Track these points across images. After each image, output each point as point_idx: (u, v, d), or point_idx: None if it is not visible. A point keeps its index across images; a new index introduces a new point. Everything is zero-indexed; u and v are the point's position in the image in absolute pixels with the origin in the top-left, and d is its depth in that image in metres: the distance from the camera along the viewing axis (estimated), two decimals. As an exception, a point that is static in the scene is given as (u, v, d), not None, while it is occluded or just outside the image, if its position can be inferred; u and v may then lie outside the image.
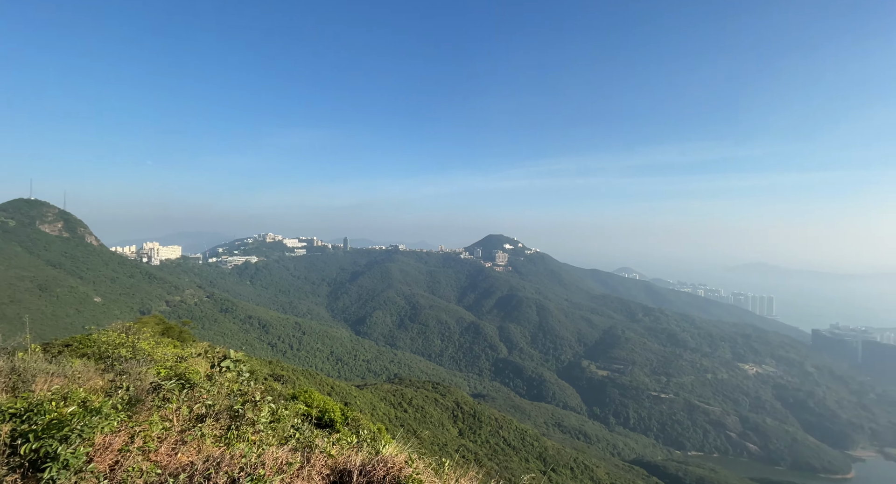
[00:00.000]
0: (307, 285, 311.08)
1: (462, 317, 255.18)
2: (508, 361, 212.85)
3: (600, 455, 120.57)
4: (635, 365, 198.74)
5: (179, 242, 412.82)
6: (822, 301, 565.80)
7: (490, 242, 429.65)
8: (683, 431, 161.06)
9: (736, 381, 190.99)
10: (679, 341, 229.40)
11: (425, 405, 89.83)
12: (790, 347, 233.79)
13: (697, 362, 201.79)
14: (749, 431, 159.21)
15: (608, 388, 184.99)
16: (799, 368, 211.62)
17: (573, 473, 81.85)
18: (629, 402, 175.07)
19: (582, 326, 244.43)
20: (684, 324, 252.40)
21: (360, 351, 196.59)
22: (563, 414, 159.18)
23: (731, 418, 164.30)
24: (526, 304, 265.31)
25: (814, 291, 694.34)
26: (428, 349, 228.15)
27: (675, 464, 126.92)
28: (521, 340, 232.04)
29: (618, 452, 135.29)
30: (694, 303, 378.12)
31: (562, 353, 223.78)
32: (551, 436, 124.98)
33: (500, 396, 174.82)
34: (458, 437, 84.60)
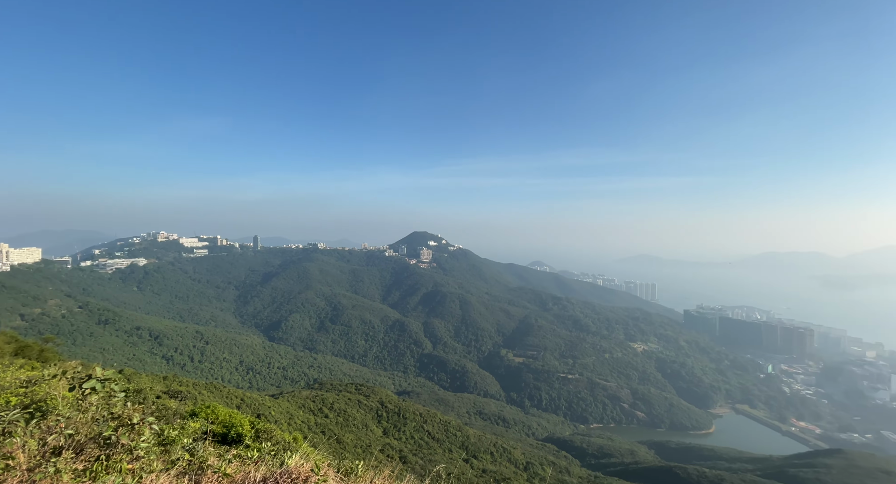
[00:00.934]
0: (210, 289, 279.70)
1: (387, 315, 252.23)
2: (433, 355, 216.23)
3: (517, 437, 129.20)
4: (547, 350, 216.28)
5: (40, 243, 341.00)
6: (692, 286, 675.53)
7: (415, 239, 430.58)
8: (587, 406, 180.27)
9: (627, 358, 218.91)
10: (583, 326, 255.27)
11: (348, 408, 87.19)
12: (668, 326, 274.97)
13: (598, 344, 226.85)
14: (638, 400, 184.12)
15: (524, 373, 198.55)
16: (674, 343, 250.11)
17: (493, 457, 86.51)
18: (542, 384, 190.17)
19: (501, 317, 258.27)
20: (587, 310, 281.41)
21: (275, 358, 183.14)
22: (484, 402, 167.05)
23: (624, 391, 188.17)
24: (450, 299, 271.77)
25: (685, 278, 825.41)
26: (351, 351, 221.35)
27: (580, 437, 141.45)
28: (446, 335, 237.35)
29: (532, 432, 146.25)
30: (594, 291, 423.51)
31: (483, 344, 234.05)
32: (473, 424, 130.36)
33: (425, 390, 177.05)
34: (382, 436, 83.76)
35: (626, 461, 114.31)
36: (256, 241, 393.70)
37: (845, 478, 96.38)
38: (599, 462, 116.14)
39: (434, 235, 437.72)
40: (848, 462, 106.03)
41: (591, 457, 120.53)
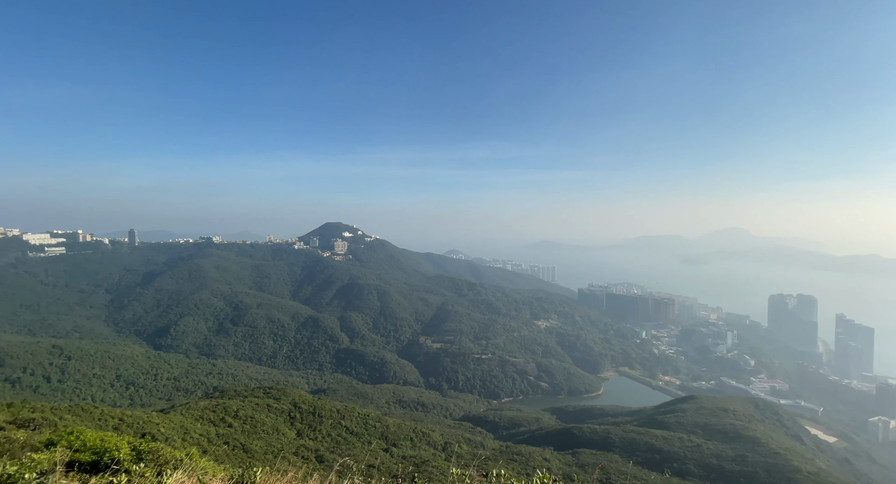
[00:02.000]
0: (71, 295, 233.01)
1: (298, 312, 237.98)
2: (350, 350, 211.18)
3: (436, 420, 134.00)
4: (462, 334, 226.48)
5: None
6: (585, 267, 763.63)
7: (328, 230, 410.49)
8: (499, 383, 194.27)
9: (533, 335, 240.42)
10: (494, 309, 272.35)
11: (256, 414, 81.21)
12: (566, 304, 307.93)
13: (507, 324, 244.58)
14: (542, 372, 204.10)
15: (441, 358, 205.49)
16: (571, 318, 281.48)
17: (412, 443, 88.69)
18: (458, 367, 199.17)
19: (419, 306, 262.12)
20: (498, 294, 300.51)
21: (164, 368, 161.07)
22: (403, 390, 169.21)
23: (530, 365, 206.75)
24: (367, 291, 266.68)
25: (580, 260, 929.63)
26: (258, 352, 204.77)
27: (493, 412, 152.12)
28: (363, 328, 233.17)
29: (450, 413, 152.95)
30: (505, 276, 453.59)
31: (402, 333, 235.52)
32: (393, 413, 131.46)
33: (342, 386, 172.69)
34: (296, 438, 79.98)
35: (532, 429, 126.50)
36: (133, 235, 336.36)
37: (696, 417, 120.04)
38: (510, 432, 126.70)
39: (349, 226, 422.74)
40: (698, 405, 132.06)
41: (503, 429, 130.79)
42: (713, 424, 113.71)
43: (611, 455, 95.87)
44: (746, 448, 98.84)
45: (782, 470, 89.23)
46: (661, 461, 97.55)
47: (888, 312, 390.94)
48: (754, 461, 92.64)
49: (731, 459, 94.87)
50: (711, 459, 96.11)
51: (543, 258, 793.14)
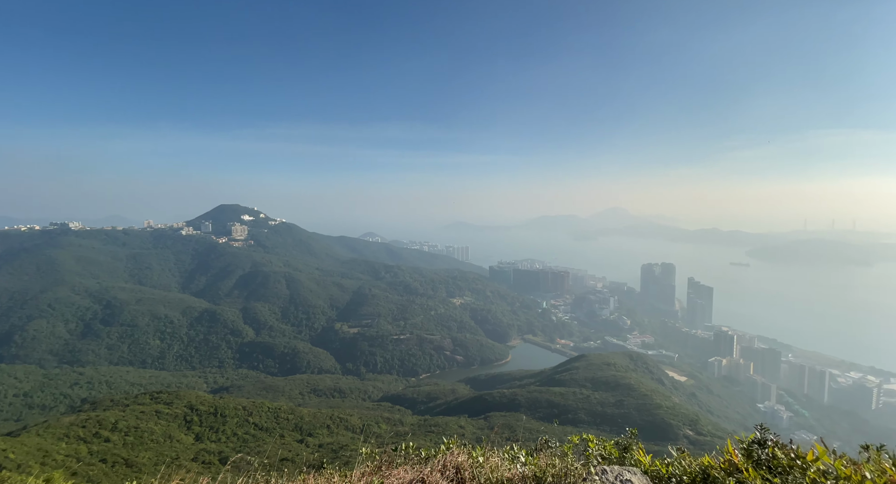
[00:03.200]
0: None
1: (191, 306, 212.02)
2: (257, 343, 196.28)
3: (354, 404, 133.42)
4: (380, 317, 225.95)
5: None
6: (494, 246, 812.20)
7: (223, 213, 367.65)
8: (417, 361, 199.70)
9: (449, 312, 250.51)
10: (412, 290, 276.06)
11: (141, 423, 71.74)
12: (479, 281, 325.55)
13: (425, 304, 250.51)
14: (457, 347, 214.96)
15: (359, 342, 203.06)
16: (483, 294, 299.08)
17: (330, 430, 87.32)
18: (376, 349, 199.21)
19: (334, 292, 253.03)
20: (416, 275, 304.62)
21: (8, 383, 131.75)
22: (319, 379, 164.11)
23: (446, 341, 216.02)
24: (274, 279, 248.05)
25: (490, 240, 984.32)
26: (141, 355, 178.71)
27: (411, 389, 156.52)
28: (271, 318, 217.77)
29: (369, 396, 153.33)
30: (422, 257, 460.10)
31: (315, 321, 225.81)
32: (308, 403, 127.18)
33: (249, 382, 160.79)
34: (195, 443, 72.94)
35: (448, 400, 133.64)
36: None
37: (585, 373, 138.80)
38: (428, 406, 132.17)
39: (249, 209, 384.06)
40: (587, 362, 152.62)
41: (422, 403, 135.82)
42: (599, 377, 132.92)
43: (518, 414, 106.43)
44: (624, 394, 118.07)
45: (649, 407, 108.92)
46: (559, 414, 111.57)
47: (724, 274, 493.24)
48: (629, 403, 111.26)
49: (612, 405, 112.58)
50: (598, 407, 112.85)
51: (458, 239, 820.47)
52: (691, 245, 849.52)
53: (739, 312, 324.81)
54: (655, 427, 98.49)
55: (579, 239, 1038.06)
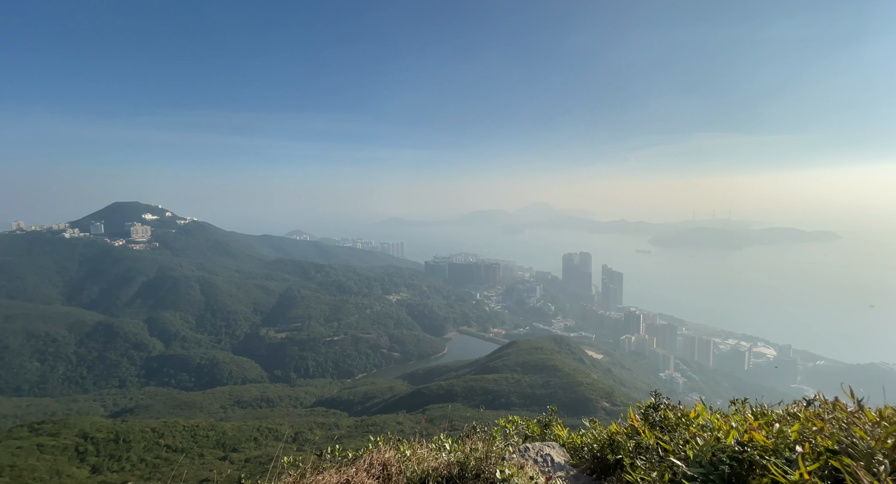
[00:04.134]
0: None
1: (80, 320, 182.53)
2: (167, 356, 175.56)
3: (285, 412, 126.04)
4: (312, 319, 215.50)
5: None
6: (430, 241, 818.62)
7: (119, 212, 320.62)
8: (352, 361, 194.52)
9: (385, 309, 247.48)
10: (346, 289, 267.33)
11: (18, 460, 60.37)
12: (415, 277, 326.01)
13: (360, 302, 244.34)
14: (394, 343, 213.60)
15: (288, 347, 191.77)
16: (419, 289, 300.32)
17: (257, 443, 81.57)
18: (308, 353, 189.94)
19: (257, 295, 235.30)
20: (349, 274, 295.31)
21: None
22: (243, 389, 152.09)
23: (383, 339, 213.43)
24: (185, 284, 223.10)
25: (426, 235, 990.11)
26: (14, 380, 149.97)
27: (347, 391, 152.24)
28: (184, 328, 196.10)
29: (300, 402, 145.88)
30: (355, 255, 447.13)
31: (237, 328, 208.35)
32: (231, 417, 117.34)
33: (159, 400, 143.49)
34: (91, 476, 63.36)
35: (386, 397, 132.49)
36: None
37: (516, 358, 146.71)
38: (365, 406, 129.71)
39: (152, 207, 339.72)
40: (518, 348, 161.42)
41: (358, 404, 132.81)
42: (528, 361, 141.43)
43: (455, 404, 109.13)
44: (550, 375, 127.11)
45: (572, 386, 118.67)
46: (493, 399, 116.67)
47: (631, 261, 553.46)
48: (555, 383, 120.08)
49: (541, 386, 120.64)
50: (528, 389, 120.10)
51: (393, 235, 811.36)
52: (605, 236, 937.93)
53: (645, 293, 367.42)
54: (578, 403, 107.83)
55: (508, 232, 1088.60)
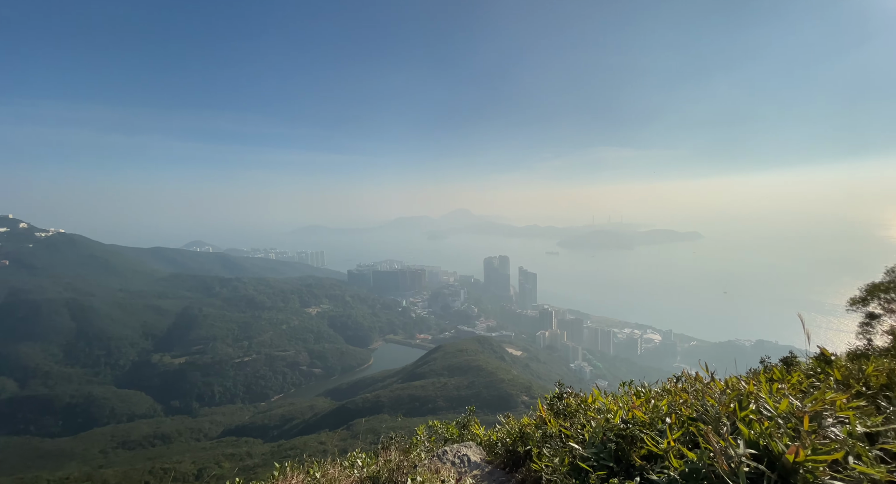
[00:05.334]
0: None
1: None
2: (23, 398, 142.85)
3: (185, 448, 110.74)
4: (217, 340, 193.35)
5: None
6: (353, 248, 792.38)
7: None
8: (267, 382, 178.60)
9: (304, 323, 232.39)
10: (258, 304, 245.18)
11: None
12: (336, 287, 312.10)
13: (274, 318, 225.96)
14: (315, 359, 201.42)
15: (188, 374, 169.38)
16: (342, 300, 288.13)
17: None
18: (213, 379, 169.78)
19: (148, 317, 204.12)
20: (261, 287, 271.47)
21: None
22: (130, 428, 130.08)
23: (302, 355, 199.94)
24: (48, 309, 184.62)
25: (348, 243, 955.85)
26: None
27: (261, 415, 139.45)
28: (47, 362, 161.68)
29: (205, 434, 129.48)
30: (268, 266, 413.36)
31: (121, 356, 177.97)
32: (114, 462, 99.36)
33: (13, 453, 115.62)
34: None
35: (307, 418, 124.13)
36: None
37: (442, 362, 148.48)
38: (283, 430, 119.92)
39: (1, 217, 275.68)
40: (444, 352, 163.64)
41: (275, 429, 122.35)
42: (454, 364, 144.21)
43: (382, 416, 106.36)
44: (474, 375, 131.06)
45: (495, 383, 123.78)
46: (420, 406, 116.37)
47: (543, 262, 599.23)
48: (479, 383, 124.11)
49: (466, 387, 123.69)
50: (454, 392, 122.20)
51: (312, 243, 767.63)
52: (521, 239, 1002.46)
53: (556, 291, 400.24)
54: (500, 399, 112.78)
55: (433, 238, 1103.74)
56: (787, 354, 9.81)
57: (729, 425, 3.53)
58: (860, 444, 3.30)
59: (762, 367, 7.61)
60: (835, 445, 3.19)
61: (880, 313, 14.75)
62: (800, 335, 6.51)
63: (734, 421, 3.55)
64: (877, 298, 14.59)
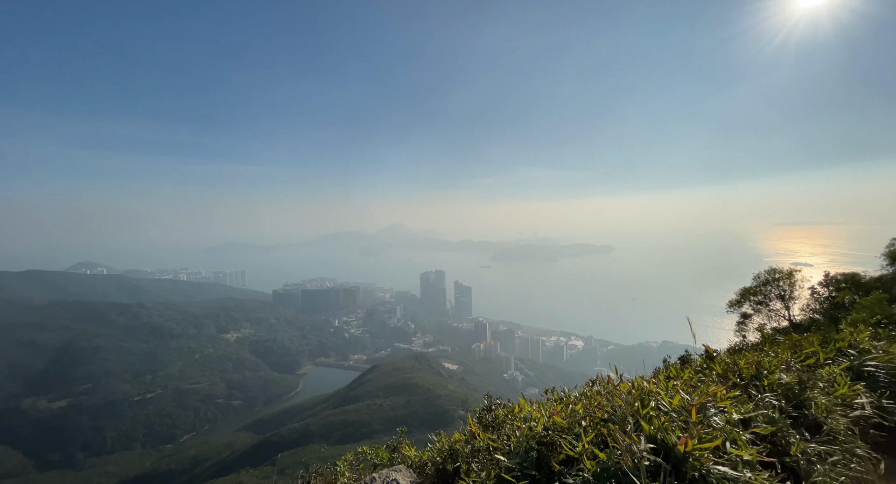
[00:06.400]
0: None
1: None
2: None
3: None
4: (111, 376, 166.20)
5: None
6: (280, 267, 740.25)
7: None
8: (175, 421, 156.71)
9: (221, 351, 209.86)
10: (165, 332, 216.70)
11: None
12: (260, 309, 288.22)
13: (185, 347, 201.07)
14: (234, 390, 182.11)
15: (71, 419, 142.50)
16: (266, 323, 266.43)
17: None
18: (105, 422, 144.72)
19: (17, 354, 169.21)
20: (169, 312, 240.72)
21: None
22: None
23: (218, 387, 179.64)
24: None
25: (274, 260, 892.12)
26: None
27: (166, 460, 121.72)
28: None
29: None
30: (178, 289, 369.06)
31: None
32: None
33: None
34: None
35: (223, 456, 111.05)
36: None
37: (378, 383, 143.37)
38: (194, 474, 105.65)
39: None
40: (379, 372, 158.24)
41: (183, 474, 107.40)
42: (390, 383, 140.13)
43: (311, 446, 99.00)
44: (411, 393, 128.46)
45: (432, 400, 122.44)
46: (354, 431, 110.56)
47: (477, 275, 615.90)
48: (416, 401, 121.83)
49: (402, 407, 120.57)
50: (390, 413, 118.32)
51: (232, 262, 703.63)
52: (456, 254, 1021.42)
53: (490, 303, 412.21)
54: (437, 416, 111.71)
55: (368, 254, 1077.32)
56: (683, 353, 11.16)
57: (632, 423, 3.81)
58: (736, 430, 3.87)
59: (663, 366, 8.56)
60: (716, 432, 3.66)
61: (751, 313, 17.52)
62: (698, 336, 7.42)
63: (638, 419, 3.83)
64: (748, 300, 17.34)
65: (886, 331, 10.08)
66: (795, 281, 17.09)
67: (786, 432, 5.09)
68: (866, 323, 11.10)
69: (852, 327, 10.43)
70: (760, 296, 17.24)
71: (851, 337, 9.47)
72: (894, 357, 8.52)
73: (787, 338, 12.04)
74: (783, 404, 5.69)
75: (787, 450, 4.72)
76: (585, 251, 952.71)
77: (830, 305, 15.63)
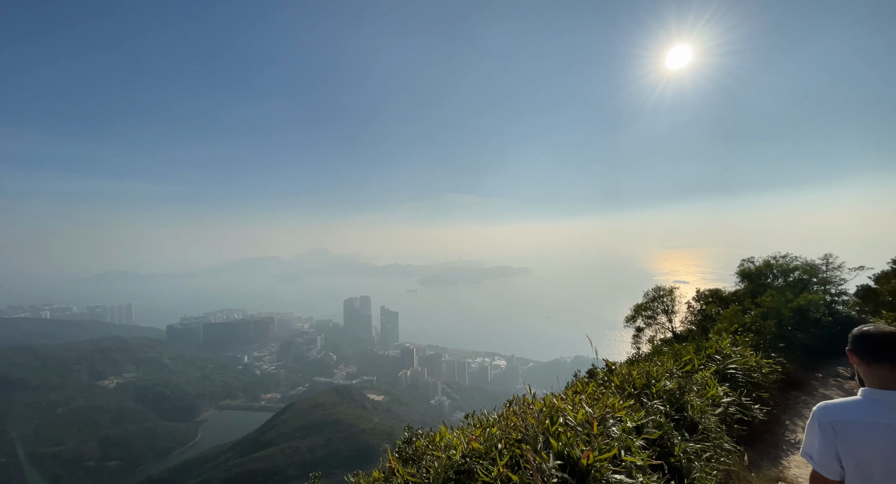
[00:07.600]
0: None
1: None
2: None
3: None
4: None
5: None
6: (177, 298, 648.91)
7: None
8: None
9: (95, 402, 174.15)
10: (16, 384, 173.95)
11: None
12: (149, 348, 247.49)
13: (43, 401, 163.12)
14: (110, 448, 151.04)
15: None
16: (158, 364, 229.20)
17: None
18: None
19: None
20: (22, 359, 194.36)
21: None
22: None
23: (87, 446, 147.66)
24: None
25: (169, 291, 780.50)
26: None
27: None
28: None
29: None
30: (35, 329, 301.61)
31: None
32: None
33: None
34: None
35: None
36: None
37: (294, 423, 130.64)
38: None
39: None
40: (296, 411, 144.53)
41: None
42: (308, 422, 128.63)
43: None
44: (331, 431, 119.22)
45: (355, 435, 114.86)
46: (265, 480, 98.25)
47: (404, 300, 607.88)
48: (337, 440, 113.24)
49: (322, 447, 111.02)
50: (307, 455, 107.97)
51: (113, 294, 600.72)
52: (382, 278, 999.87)
53: (417, 327, 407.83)
54: (361, 452, 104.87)
55: (284, 281, 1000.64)
56: (591, 367, 12.11)
57: (542, 441, 3.86)
58: (630, 437, 4.04)
59: (573, 381, 9.18)
60: (613, 442, 3.74)
61: (643, 326, 19.87)
62: (604, 350, 8.12)
63: (548, 437, 3.90)
64: (640, 315, 19.69)
65: (741, 337, 12.12)
66: (675, 297, 19.91)
67: (671, 434, 5.75)
68: (727, 331, 13.29)
69: (717, 336, 12.40)
70: (650, 311, 19.71)
71: (717, 344, 11.19)
72: (748, 360, 10.27)
73: (670, 348, 13.87)
74: (668, 409, 6.45)
75: (672, 451, 5.34)
76: (506, 273, 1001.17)
77: (702, 316, 18.43)
